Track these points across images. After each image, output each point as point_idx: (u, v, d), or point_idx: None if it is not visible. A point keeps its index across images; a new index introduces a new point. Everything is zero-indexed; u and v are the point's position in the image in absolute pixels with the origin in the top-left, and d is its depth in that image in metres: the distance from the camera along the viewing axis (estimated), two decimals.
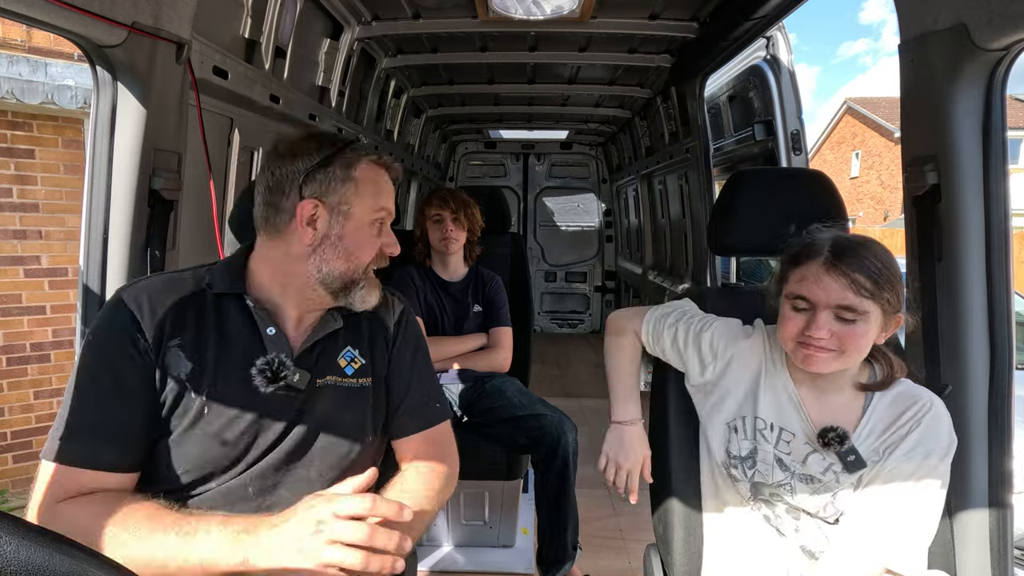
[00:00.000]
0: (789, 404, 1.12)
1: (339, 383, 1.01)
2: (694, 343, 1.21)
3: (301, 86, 2.44)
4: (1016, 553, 1.23)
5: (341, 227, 0.98)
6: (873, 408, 1.07)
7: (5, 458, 3.34)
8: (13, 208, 3.22)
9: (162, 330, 0.92)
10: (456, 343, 2.18)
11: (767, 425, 1.12)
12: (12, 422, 3.34)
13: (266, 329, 0.97)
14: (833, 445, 1.04)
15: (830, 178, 1.34)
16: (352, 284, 1.00)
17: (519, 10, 2.50)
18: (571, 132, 5.98)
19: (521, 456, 2.12)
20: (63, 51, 3.23)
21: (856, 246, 1.01)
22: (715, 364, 1.19)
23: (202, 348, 0.94)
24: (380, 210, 1.01)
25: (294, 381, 0.96)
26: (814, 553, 1.10)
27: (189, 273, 1.01)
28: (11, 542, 0.40)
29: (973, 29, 1.03)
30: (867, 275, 0.98)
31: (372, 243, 1.01)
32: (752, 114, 3.06)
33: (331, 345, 1.03)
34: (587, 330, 7.04)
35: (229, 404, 0.92)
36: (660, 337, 1.27)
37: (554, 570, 2.06)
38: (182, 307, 0.95)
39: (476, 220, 2.24)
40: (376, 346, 1.08)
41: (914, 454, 1.02)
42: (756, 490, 1.14)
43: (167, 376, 0.91)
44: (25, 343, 3.34)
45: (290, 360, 0.96)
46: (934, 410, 1.04)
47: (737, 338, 1.19)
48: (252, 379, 0.94)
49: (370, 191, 0.99)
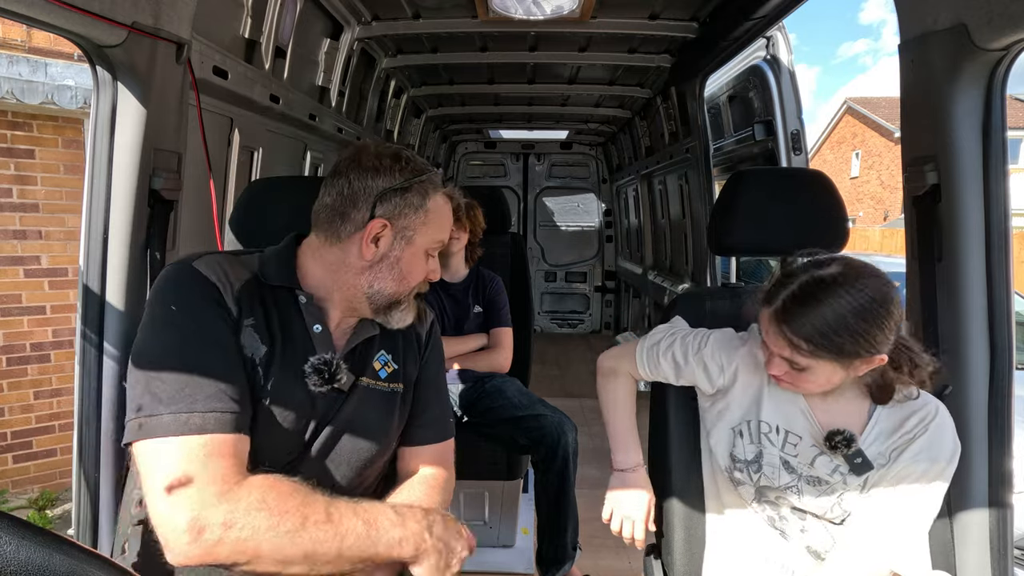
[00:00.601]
0: (795, 407, 1.12)
1: (372, 385, 1.02)
2: (697, 361, 1.19)
3: (301, 86, 2.44)
4: (1016, 553, 1.24)
5: (401, 250, 0.99)
6: (880, 411, 1.08)
7: (5, 458, 3.33)
8: (13, 208, 3.22)
9: (240, 305, 0.92)
10: (457, 343, 2.18)
11: (772, 428, 1.12)
12: (12, 422, 3.33)
13: (313, 326, 0.98)
14: (840, 448, 1.04)
15: (830, 178, 1.34)
16: (395, 305, 1.02)
17: (519, 10, 2.50)
18: (571, 132, 5.99)
19: (521, 456, 2.12)
20: (63, 51, 3.23)
21: (814, 296, 0.95)
22: (723, 374, 1.18)
23: (271, 333, 0.94)
24: (439, 242, 1.04)
25: (342, 383, 0.97)
26: (820, 553, 1.10)
27: (242, 257, 1.01)
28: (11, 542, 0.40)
29: (973, 29, 1.03)
30: (806, 336, 0.95)
31: (423, 269, 1.03)
32: (752, 114, 3.06)
33: (366, 348, 1.04)
34: (587, 330, 7.04)
35: (288, 396, 0.93)
36: (658, 366, 1.24)
37: (554, 570, 2.06)
38: (249, 288, 0.95)
39: (478, 222, 2.24)
40: (409, 352, 1.09)
41: (920, 459, 1.02)
42: (761, 493, 1.14)
43: (243, 354, 0.90)
44: (25, 343, 3.33)
45: (341, 361, 0.97)
46: (940, 417, 1.05)
47: (735, 347, 1.19)
48: (306, 375, 0.95)
49: (435, 224, 1.02)
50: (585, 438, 2.14)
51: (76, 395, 1.28)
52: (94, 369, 1.27)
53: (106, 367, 1.28)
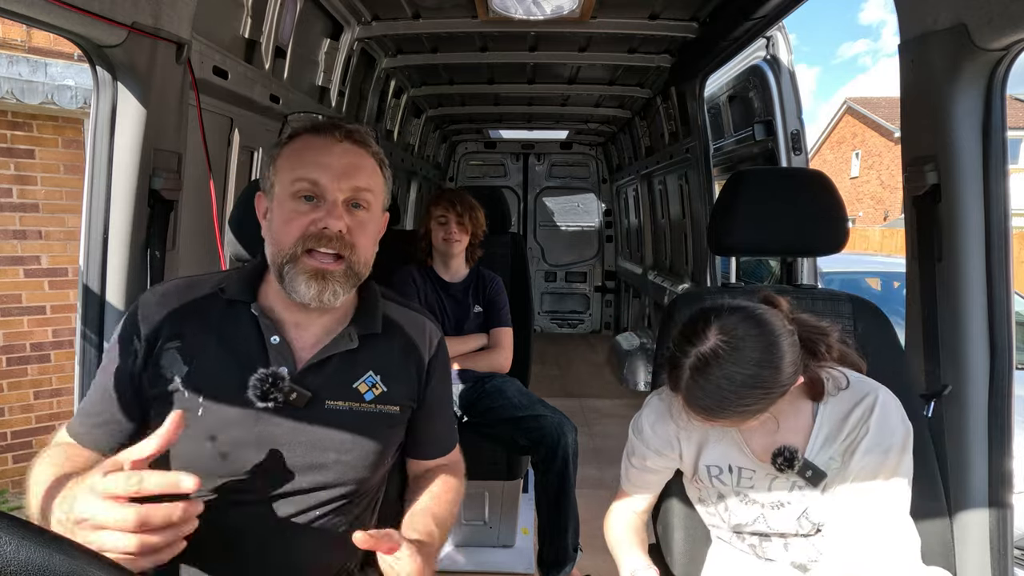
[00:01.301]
0: (731, 441, 1.10)
1: (356, 408, 0.96)
2: (654, 460, 1.17)
3: (301, 86, 2.44)
4: (1016, 553, 1.24)
5: (271, 205, 0.94)
6: (822, 414, 1.05)
7: (5, 458, 3.33)
8: (13, 208, 3.22)
9: (159, 332, 0.92)
10: (457, 343, 2.18)
11: (722, 469, 1.10)
12: (12, 422, 3.33)
13: (270, 338, 0.93)
14: (786, 469, 1.02)
15: (830, 178, 1.34)
16: (280, 271, 0.91)
17: (519, 10, 2.50)
18: (571, 132, 5.99)
19: (521, 456, 2.12)
20: (63, 51, 3.23)
21: (706, 377, 0.93)
22: (676, 446, 1.15)
23: (201, 351, 0.92)
24: (298, 180, 0.90)
25: (291, 399, 0.91)
26: (805, 566, 1.09)
27: (216, 276, 1.00)
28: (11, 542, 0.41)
29: (973, 29, 1.03)
30: (722, 417, 0.95)
31: (295, 220, 0.90)
32: (752, 114, 3.06)
33: (347, 368, 0.97)
34: (587, 330, 7.04)
35: (225, 410, 0.90)
36: (643, 480, 1.20)
37: (554, 572, 2.06)
38: (189, 310, 0.94)
39: (480, 224, 2.24)
40: (405, 375, 1.03)
41: (872, 453, 1.00)
42: (737, 530, 1.13)
43: (161, 375, 0.91)
44: (25, 343, 3.33)
45: (289, 376, 0.92)
46: (880, 404, 1.01)
47: (662, 421, 1.15)
48: (247, 390, 0.90)
49: (288, 164, 0.92)
50: (585, 438, 2.14)
51: (76, 395, 1.28)
52: (94, 369, 1.27)
53: None
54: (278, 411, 0.92)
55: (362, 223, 0.94)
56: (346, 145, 0.94)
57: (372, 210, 0.96)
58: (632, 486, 1.23)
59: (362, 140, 0.96)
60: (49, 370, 3.42)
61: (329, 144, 0.93)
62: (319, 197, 0.91)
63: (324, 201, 0.91)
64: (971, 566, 1.16)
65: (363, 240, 0.95)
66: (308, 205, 0.91)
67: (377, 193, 0.97)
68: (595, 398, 4.53)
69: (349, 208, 0.93)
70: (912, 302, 1.26)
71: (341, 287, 0.92)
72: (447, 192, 2.27)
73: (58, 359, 3.44)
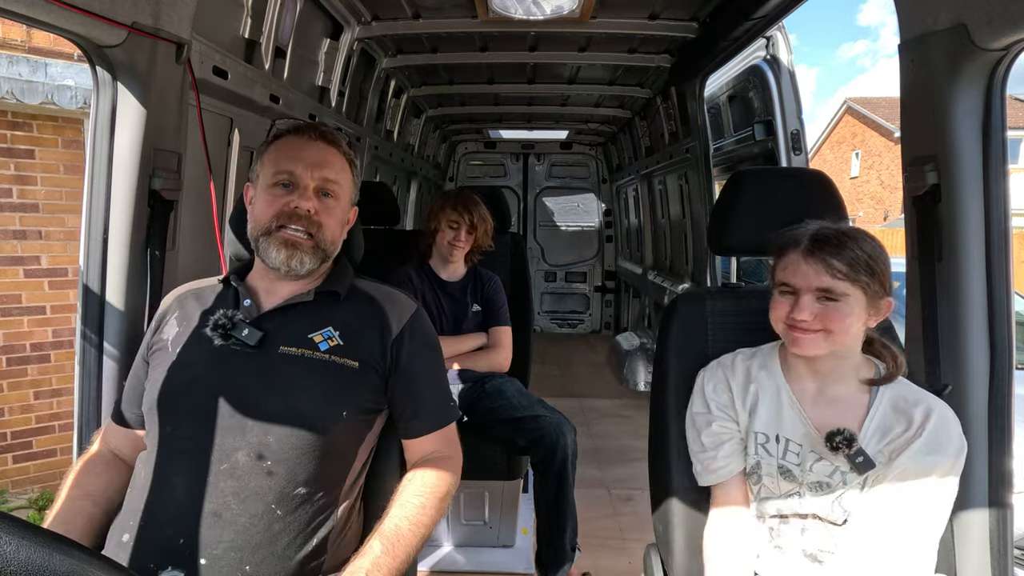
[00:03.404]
0: (790, 410, 1.11)
1: (308, 355, 1.05)
2: (720, 423, 1.15)
3: (301, 86, 2.44)
4: (1016, 553, 1.23)
5: (256, 197, 1.11)
6: (877, 406, 1.07)
7: (5, 458, 3.33)
8: (13, 208, 3.22)
9: (167, 312, 1.14)
10: (456, 343, 2.18)
11: (769, 438, 1.11)
12: (12, 422, 3.33)
13: (244, 301, 1.09)
14: (842, 448, 1.03)
15: (830, 178, 1.34)
16: (256, 243, 1.08)
17: (519, 10, 2.50)
18: (571, 132, 5.99)
19: (521, 456, 2.12)
20: (63, 51, 3.22)
21: (837, 235, 1.04)
22: (734, 419, 1.16)
23: (189, 318, 1.10)
24: (278, 172, 1.08)
25: (242, 335, 1.03)
26: (816, 556, 1.09)
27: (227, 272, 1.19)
28: (11, 542, 0.41)
29: (973, 29, 1.03)
30: (842, 260, 1.02)
31: (273, 203, 1.08)
32: (752, 114, 3.06)
33: (305, 321, 1.08)
34: (587, 330, 7.04)
35: (190, 351, 1.05)
36: (722, 457, 1.15)
37: (553, 571, 2.06)
38: (191, 296, 1.15)
39: (487, 236, 2.23)
40: (367, 336, 1.10)
41: (923, 457, 1.01)
42: (761, 506, 1.13)
43: (160, 338, 1.10)
44: (25, 343, 3.33)
45: (245, 319, 1.06)
46: (940, 413, 1.04)
47: (720, 388, 1.17)
48: (209, 331, 1.05)
49: (271, 160, 1.10)
50: (585, 439, 2.14)
51: (76, 395, 1.28)
52: (94, 369, 1.27)
53: (106, 367, 1.28)
54: (236, 353, 1.04)
55: (329, 208, 1.10)
56: (320, 143, 1.11)
57: (340, 199, 1.12)
58: (714, 474, 1.16)
59: (334, 140, 1.13)
60: (49, 370, 3.42)
61: (305, 142, 1.11)
62: (294, 184, 1.08)
63: (298, 187, 1.08)
64: (971, 566, 1.15)
65: (330, 222, 1.10)
66: (284, 191, 1.08)
67: (345, 186, 1.13)
68: (595, 398, 4.53)
69: (319, 196, 1.09)
70: (912, 302, 1.26)
71: (308, 257, 1.08)
72: (463, 197, 2.21)
73: (58, 359, 3.44)
